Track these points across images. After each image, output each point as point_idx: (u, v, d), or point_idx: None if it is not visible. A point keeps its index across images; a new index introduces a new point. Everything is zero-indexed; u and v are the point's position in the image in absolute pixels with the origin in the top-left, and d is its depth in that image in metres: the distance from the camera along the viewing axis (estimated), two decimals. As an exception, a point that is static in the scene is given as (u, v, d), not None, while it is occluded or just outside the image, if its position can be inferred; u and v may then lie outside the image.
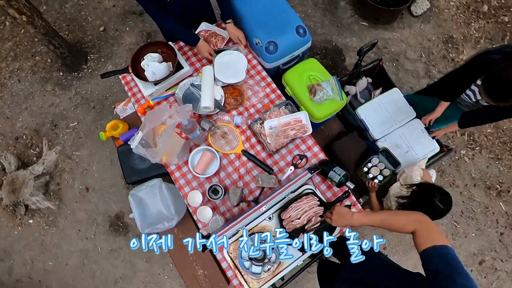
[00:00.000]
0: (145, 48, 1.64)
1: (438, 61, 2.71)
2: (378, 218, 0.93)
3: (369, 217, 0.95)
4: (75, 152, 2.53)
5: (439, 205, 1.23)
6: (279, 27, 1.71)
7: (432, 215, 1.22)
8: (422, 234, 0.79)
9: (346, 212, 1.01)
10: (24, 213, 2.39)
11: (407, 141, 1.86)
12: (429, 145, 1.85)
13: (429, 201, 1.24)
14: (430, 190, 1.27)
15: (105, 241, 2.33)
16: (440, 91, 1.70)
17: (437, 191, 1.26)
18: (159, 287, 2.23)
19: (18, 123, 2.63)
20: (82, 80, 2.71)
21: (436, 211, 1.24)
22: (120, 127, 1.91)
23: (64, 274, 2.29)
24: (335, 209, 1.04)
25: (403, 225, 0.86)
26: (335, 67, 2.69)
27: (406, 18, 2.84)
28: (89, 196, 2.42)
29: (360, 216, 0.97)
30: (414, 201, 1.29)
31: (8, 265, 2.32)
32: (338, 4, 2.90)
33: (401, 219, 0.88)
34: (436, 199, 1.24)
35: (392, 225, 0.89)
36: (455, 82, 1.56)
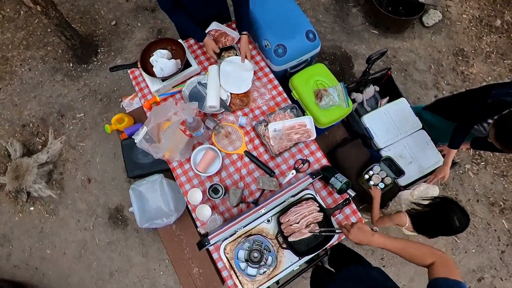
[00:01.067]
0: (154, 44, 1.66)
1: (447, 73, 2.68)
2: (400, 244, 0.89)
3: (390, 241, 0.91)
4: (79, 143, 2.55)
5: (456, 222, 1.19)
6: (289, 30, 1.72)
7: (444, 230, 1.20)
8: (440, 265, 0.79)
9: (368, 230, 0.96)
10: (26, 200, 2.41)
11: (412, 152, 1.85)
12: (434, 157, 1.84)
13: (447, 215, 1.21)
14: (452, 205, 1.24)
15: (104, 233, 2.34)
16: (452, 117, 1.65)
17: (459, 209, 1.23)
18: (154, 282, 2.23)
19: (26, 111, 2.66)
20: (91, 72, 2.74)
21: (450, 227, 1.20)
22: (126, 121, 1.92)
23: (61, 263, 2.30)
24: (357, 224, 0.99)
25: (424, 254, 0.83)
26: (343, 73, 2.68)
27: (417, 29, 2.82)
28: (90, 187, 2.44)
29: (381, 238, 0.92)
30: (432, 210, 1.25)
31: (7, 251, 2.34)
32: (349, 11, 2.89)
33: (423, 249, 0.85)
34: (455, 215, 1.20)
35: (412, 254, 0.86)
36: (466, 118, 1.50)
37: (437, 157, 1.83)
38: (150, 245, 2.30)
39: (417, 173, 1.81)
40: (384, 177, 1.68)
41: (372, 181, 1.68)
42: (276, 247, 1.29)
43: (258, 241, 1.28)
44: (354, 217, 1.44)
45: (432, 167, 1.82)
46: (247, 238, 1.29)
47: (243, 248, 1.27)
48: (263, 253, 1.25)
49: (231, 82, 1.59)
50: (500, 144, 1.22)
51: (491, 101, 1.37)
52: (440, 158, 1.83)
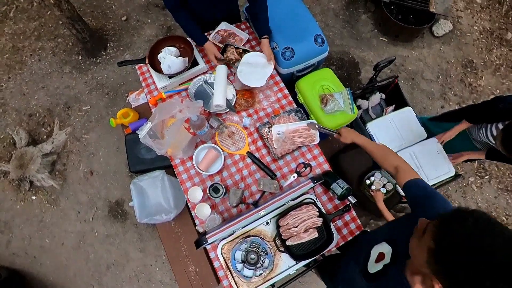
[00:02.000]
0: (163, 41, 1.67)
1: (455, 84, 2.66)
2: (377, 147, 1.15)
3: (371, 143, 1.20)
4: (84, 135, 2.58)
5: None
6: (298, 34, 1.72)
7: None
8: (403, 170, 1.00)
9: (354, 131, 1.27)
10: (28, 189, 2.44)
11: (418, 161, 1.81)
12: (444, 167, 1.78)
13: None
14: None
15: (103, 225, 2.35)
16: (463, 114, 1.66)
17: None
18: (150, 278, 2.24)
19: (33, 101, 2.70)
20: (100, 66, 2.77)
21: None
22: (131, 116, 1.94)
23: (59, 253, 2.32)
24: (343, 128, 1.29)
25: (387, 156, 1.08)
26: (349, 79, 2.68)
27: (426, 38, 2.81)
28: (92, 179, 2.46)
29: (364, 137, 1.24)
30: None
31: (7, 238, 2.37)
32: (359, 17, 2.89)
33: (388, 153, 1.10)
34: None
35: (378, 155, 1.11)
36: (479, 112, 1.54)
37: (447, 168, 1.78)
38: (148, 240, 2.30)
39: None
40: (386, 183, 1.66)
41: (373, 186, 1.67)
42: (274, 250, 1.29)
43: (256, 242, 1.28)
44: (353, 224, 1.43)
45: (441, 177, 1.77)
46: (245, 239, 1.28)
47: (241, 249, 1.27)
48: (260, 255, 1.25)
49: (250, 76, 1.56)
50: (506, 150, 1.22)
51: (502, 106, 1.37)
52: (451, 169, 1.78)
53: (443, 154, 1.81)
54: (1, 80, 2.79)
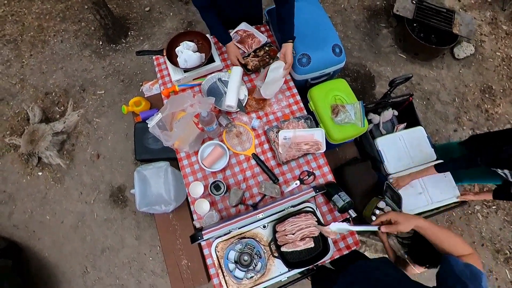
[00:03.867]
0: (183, 35, 1.69)
1: (471, 109, 2.61)
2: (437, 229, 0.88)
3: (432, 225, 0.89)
4: (95, 119, 2.63)
5: None
6: (316, 42, 1.72)
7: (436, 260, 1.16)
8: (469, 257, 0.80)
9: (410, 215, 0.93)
10: (36, 165, 2.50)
11: (424, 182, 1.78)
12: (449, 192, 1.75)
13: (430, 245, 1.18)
14: None
15: (103, 209, 2.39)
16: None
17: None
18: (142, 266, 2.26)
19: (51, 80, 2.77)
20: (118, 53, 2.82)
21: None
22: (143, 105, 1.96)
23: (57, 230, 2.36)
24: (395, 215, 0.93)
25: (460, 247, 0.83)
26: (363, 92, 2.65)
27: (446, 59, 2.76)
28: (98, 163, 2.50)
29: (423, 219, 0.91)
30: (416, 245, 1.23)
31: (10, 210, 2.43)
32: (380, 31, 2.87)
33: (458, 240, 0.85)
34: None
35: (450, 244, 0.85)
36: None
37: (453, 193, 1.74)
38: (144, 229, 2.32)
39: (425, 205, 1.75)
40: None
41: None
42: (268, 255, 1.28)
43: (251, 245, 1.27)
44: (351, 238, 1.41)
45: (445, 201, 1.74)
46: (240, 240, 1.28)
47: (235, 249, 1.27)
48: (253, 258, 1.24)
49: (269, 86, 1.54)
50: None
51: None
52: (456, 194, 1.74)
53: (450, 178, 1.78)
54: (23, 56, 2.87)
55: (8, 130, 2.62)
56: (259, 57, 1.69)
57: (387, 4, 2.95)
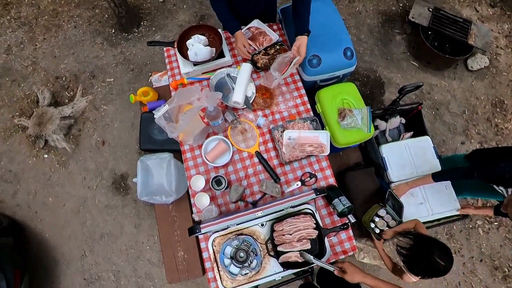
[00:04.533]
0: (195, 28, 1.69)
1: (481, 122, 2.57)
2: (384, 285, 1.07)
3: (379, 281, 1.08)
4: (103, 106, 2.65)
5: (439, 261, 1.16)
6: (328, 43, 1.70)
7: (434, 273, 1.16)
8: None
9: (360, 270, 1.13)
10: (42, 147, 2.54)
11: (425, 192, 1.77)
12: (450, 204, 1.74)
13: (428, 258, 1.18)
14: (427, 246, 1.20)
15: (104, 195, 2.42)
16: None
17: (435, 247, 1.19)
18: (139, 255, 2.28)
19: (62, 64, 2.80)
20: (130, 42, 2.84)
21: (437, 268, 1.16)
22: (150, 95, 1.98)
23: (59, 213, 2.40)
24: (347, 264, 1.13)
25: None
26: (372, 98, 2.63)
27: (459, 70, 2.72)
28: (103, 149, 2.53)
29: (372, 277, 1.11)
30: (414, 256, 1.23)
31: (14, 189, 2.47)
32: (393, 37, 2.83)
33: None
34: (435, 255, 1.17)
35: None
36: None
37: (453, 205, 1.74)
38: (144, 218, 2.35)
39: (425, 216, 1.74)
40: (389, 221, 1.59)
41: (377, 228, 1.57)
42: (264, 253, 1.28)
43: (248, 242, 1.28)
44: (348, 243, 1.40)
45: (445, 213, 1.74)
46: (237, 237, 1.29)
47: (231, 245, 1.28)
48: (249, 255, 1.25)
49: None
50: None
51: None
52: (457, 207, 1.73)
53: (451, 190, 1.77)
54: (37, 40, 2.91)
55: (18, 111, 2.66)
56: (269, 55, 1.68)
57: (403, 10, 2.91)
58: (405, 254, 1.24)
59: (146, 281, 2.23)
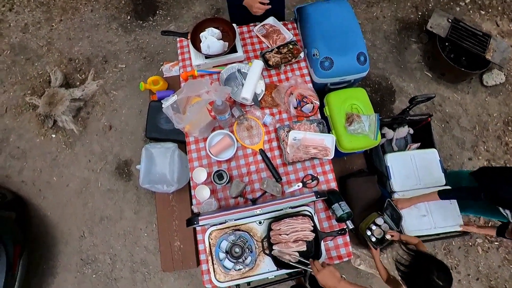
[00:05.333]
0: (210, 21, 1.69)
1: (491, 139, 2.52)
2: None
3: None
4: (113, 91, 2.68)
5: (437, 281, 1.14)
6: (342, 47, 1.68)
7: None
8: None
9: (337, 276, 1.04)
10: (51, 127, 2.58)
11: (429, 205, 1.74)
12: (453, 220, 1.71)
13: (427, 276, 1.16)
14: (426, 264, 1.19)
15: (107, 179, 2.45)
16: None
17: (434, 266, 1.18)
18: (135, 241, 2.32)
19: (76, 47, 2.83)
20: (144, 30, 2.85)
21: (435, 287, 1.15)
22: (160, 84, 1.99)
23: (62, 192, 2.45)
24: (330, 267, 1.06)
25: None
26: (381, 105, 2.60)
27: (474, 84, 2.66)
28: (109, 134, 2.56)
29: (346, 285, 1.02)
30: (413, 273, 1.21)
31: (21, 165, 2.52)
32: (409, 45, 2.79)
33: None
34: (434, 275, 1.15)
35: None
36: None
37: (456, 221, 1.71)
38: (144, 205, 2.38)
39: (427, 229, 1.70)
40: (387, 231, 1.58)
41: (374, 237, 1.56)
42: (259, 250, 1.29)
43: (244, 238, 1.28)
44: (344, 249, 1.40)
45: (448, 228, 1.70)
46: (234, 232, 1.29)
47: (228, 239, 1.28)
48: (244, 251, 1.26)
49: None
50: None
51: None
52: (459, 223, 1.71)
53: (455, 205, 1.74)
54: (54, 20, 2.94)
55: (30, 90, 2.71)
56: (282, 54, 1.68)
57: (421, 19, 2.86)
58: (404, 270, 1.23)
59: (141, 267, 2.26)
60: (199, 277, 2.20)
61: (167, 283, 2.23)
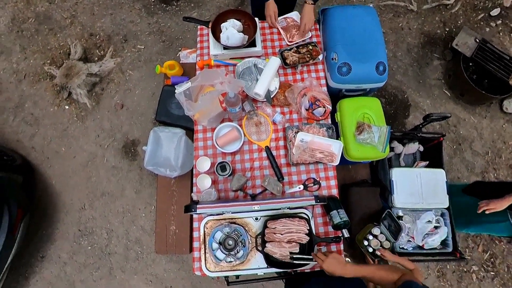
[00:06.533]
0: (232, 12, 1.68)
1: (502, 168, 2.45)
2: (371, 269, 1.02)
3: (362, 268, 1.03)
4: (129, 71, 2.71)
5: None
6: (362, 54, 1.65)
7: None
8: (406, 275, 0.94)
9: (342, 261, 1.04)
10: (65, 98, 2.63)
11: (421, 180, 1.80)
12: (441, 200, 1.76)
13: None
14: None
15: (113, 156, 2.50)
16: None
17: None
18: (133, 219, 2.36)
19: (98, 23, 2.86)
20: (167, 14, 2.86)
21: None
22: (176, 69, 2.00)
23: (68, 163, 2.51)
24: (333, 254, 1.06)
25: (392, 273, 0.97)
26: (394, 118, 2.56)
27: (492, 109, 2.59)
28: (120, 112, 2.60)
29: (353, 267, 1.03)
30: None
31: (33, 132, 2.59)
32: (431, 61, 2.72)
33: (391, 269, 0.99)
34: None
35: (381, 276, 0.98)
36: None
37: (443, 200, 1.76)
38: (145, 186, 2.42)
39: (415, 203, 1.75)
40: (383, 241, 1.56)
41: (370, 247, 1.54)
42: (252, 246, 1.30)
43: (239, 231, 1.29)
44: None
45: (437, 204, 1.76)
46: (230, 224, 1.30)
47: (223, 231, 1.30)
48: (237, 244, 1.27)
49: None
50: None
51: None
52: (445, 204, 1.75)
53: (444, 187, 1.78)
54: (80, -6, 2.98)
55: (49, 60, 2.76)
56: (300, 54, 1.66)
57: (448, 35, 2.78)
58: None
59: (135, 246, 2.31)
60: (189, 264, 2.23)
61: (158, 264, 2.27)
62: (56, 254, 2.32)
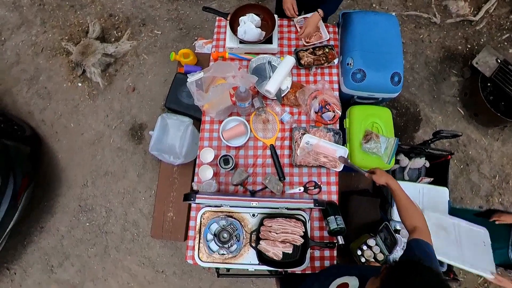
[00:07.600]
0: (252, 6, 1.67)
1: (508, 193, 2.40)
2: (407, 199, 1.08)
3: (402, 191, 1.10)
4: (144, 55, 2.72)
5: None
6: (379, 62, 1.63)
7: None
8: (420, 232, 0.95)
9: (387, 174, 1.19)
10: (79, 75, 2.67)
11: (460, 237, 1.58)
12: (484, 263, 1.50)
13: None
14: None
15: (120, 137, 2.53)
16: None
17: None
18: (132, 202, 2.40)
19: (118, 4, 2.88)
20: (187, 2, 2.86)
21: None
22: (190, 58, 2.00)
23: (75, 139, 2.55)
24: (376, 169, 1.22)
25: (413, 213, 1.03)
26: (404, 131, 2.52)
27: (506, 132, 2.53)
28: (131, 95, 2.62)
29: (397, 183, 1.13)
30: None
31: (44, 105, 2.64)
32: (448, 77, 2.66)
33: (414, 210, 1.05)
34: None
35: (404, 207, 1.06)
36: None
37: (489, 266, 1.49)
38: (148, 170, 2.45)
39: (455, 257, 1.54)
40: (377, 253, 1.55)
41: (363, 257, 1.52)
42: (246, 241, 1.31)
43: (234, 225, 1.30)
44: (329, 262, 1.39)
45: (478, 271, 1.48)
46: (226, 217, 1.31)
47: (218, 223, 1.31)
48: (232, 238, 1.28)
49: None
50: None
51: None
52: (492, 270, 1.47)
53: (489, 249, 1.56)
54: (104, -27, 2.99)
55: (67, 36, 2.79)
56: (316, 55, 1.65)
57: (469, 52, 2.72)
58: None
59: (131, 227, 2.35)
60: (183, 251, 2.26)
61: (152, 248, 2.31)
62: (55, 227, 2.38)
